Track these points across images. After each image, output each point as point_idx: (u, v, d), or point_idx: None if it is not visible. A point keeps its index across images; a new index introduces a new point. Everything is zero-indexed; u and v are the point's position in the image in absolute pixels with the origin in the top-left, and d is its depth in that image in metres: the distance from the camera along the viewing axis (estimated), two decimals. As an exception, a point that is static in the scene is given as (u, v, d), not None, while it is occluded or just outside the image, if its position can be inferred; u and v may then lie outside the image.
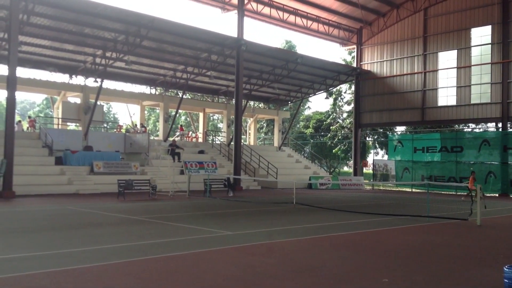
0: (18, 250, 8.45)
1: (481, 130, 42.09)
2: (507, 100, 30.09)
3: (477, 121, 35.65)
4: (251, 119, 42.68)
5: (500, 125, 31.33)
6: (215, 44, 28.59)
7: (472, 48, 32.00)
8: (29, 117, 34.67)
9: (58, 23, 23.68)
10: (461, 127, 42.70)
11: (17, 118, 30.22)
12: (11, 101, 20.76)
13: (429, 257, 8.52)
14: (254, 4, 31.44)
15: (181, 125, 39.83)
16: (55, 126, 30.59)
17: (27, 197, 20.15)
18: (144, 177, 25.10)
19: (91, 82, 29.19)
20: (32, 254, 8.07)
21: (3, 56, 24.12)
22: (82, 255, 8.10)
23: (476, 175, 24.85)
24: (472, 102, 31.86)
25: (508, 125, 31.12)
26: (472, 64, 31.88)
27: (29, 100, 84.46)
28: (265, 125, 58.30)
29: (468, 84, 32.08)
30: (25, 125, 33.17)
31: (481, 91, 31.57)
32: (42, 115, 59.85)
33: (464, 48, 32.29)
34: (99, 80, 27.85)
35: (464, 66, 32.27)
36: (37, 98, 76.28)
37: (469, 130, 42.93)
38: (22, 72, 28.60)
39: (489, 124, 40.18)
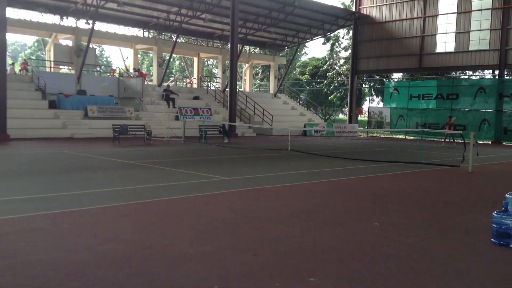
0: (16, 192, 8.54)
1: (478, 77, 41.88)
2: (506, 47, 29.75)
3: (474, 68, 35.39)
4: (247, 64, 42.10)
5: (497, 72, 31.12)
6: (210, -15, 27.70)
7: (473, -8, 31.24)
8: (24, 59, 33.94)
9: (47, -40, 22.74)
10: (458, 74, 42.42)
11: (8, 60, 29.67)
12: (2, 43, 20.30)
13: (420, 203, 8.71)
14: None
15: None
16: (47, 69, 30.11)
17: (22, 141, 20.16)
18: (139, 122, 25.06)
19: (82, 24, 28.47)
20: (30, 197, 8.16)
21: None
22: (79, 197, 8.20)
23: (469, 121, 25.38)
24: (471, 48, 31.49)
25: (505, 73, 30.92)
26: (473, 9, 31.22)
27: (20, 42, 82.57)
28: (260, 71, 57.63)
29: (468, 30, 31.56)
30: (17, 67, 32.62)
31: (480, 37, 31.13)
32: (33, 57, 58.71)
33: (465, -8, 31.52)
34: (90, 22, 27.11)
35: (464, 11, 31.61)
36: (28, 40, 74.63)
37: (466, 77, 42.70)
38: (12, 13, 27.78)
39: (486, 72, 39.93)
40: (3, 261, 4.73)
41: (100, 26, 31.62)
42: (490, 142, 29.03)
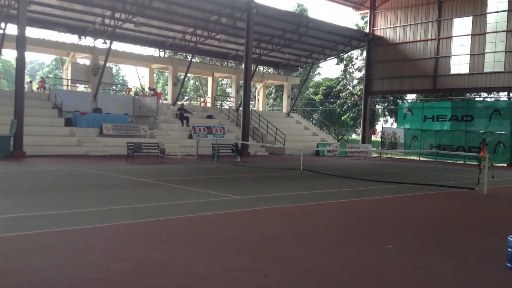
0: (30, 209, 8.63)
1: (493, 99, 41.53)
2: (521, 69, 29.52)
3: (489, 90, 35.13)
4: (260, 84, 42.37)
5: (512, 94, 30.87)
6: (225, 6, 28.08)
7: (488, 14, 31.17)
8: (42, 78, 34.61)
9: (67, -18, 23.32)
10: (472, 96, 42.14)
11: (27, 78, 30.27)
12: (20, 61, 20.73)
13: (434, 225, 8.59)
14: (265, -34, 30.64)
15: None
16: (65, 87, 30.62)
17: (38, 158, 20.41)
18: (153, 141, 25.26)
19: (100, 43, 28.98)
20: (43, 213, 8.24)
21: (12, 15, 23.92)
22: (92, 215, 8.26)
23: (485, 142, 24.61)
24: (485, 70, 31.30)
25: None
26: (487, 31, 31.14)
27: (38, 61, 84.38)
28: (274, 90, 57.92)
29: (482, 52, 31.42)
30: (35, 85, 33.21)
31: (495, 59, 30.95)
32: (51, 76, 59.84)
33: (479, 15, 31.46)
34: (108, 41, 27.62)
35: (479, 34, 31.53)
36: (47, 58, 76.12)
37: (481, 99, 42.38)
38: (31, 32, 28.47)
39: (501, 94, 39.61)
40: (15, 277, 4.76)
41: (117, 45, 32.22)
42: (505, 165, 28.61)
